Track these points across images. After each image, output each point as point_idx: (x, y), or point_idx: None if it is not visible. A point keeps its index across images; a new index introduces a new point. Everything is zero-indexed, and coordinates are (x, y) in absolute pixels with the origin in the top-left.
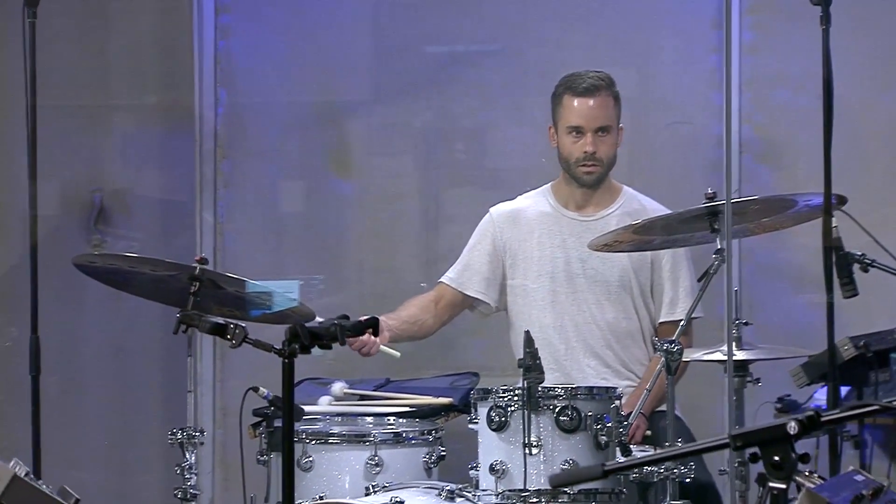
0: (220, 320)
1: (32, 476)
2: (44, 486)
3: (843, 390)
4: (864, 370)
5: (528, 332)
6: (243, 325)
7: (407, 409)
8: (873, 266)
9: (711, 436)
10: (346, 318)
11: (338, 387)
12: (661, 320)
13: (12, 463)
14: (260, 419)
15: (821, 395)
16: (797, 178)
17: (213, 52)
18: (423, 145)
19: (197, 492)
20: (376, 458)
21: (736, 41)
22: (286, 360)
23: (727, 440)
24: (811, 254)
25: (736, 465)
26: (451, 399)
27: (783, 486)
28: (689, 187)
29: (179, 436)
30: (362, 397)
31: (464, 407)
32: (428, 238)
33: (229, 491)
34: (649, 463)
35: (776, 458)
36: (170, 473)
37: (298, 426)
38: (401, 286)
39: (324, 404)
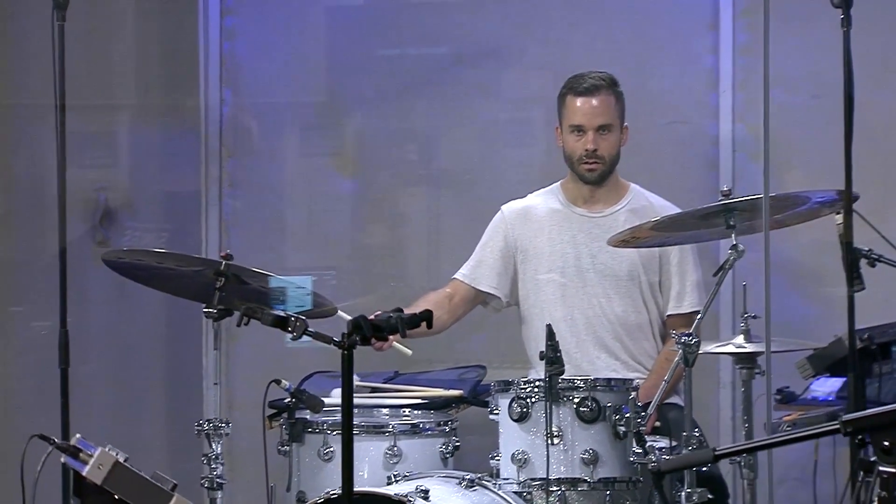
0: (282, 313)
1: (130, 462)
2: (141, 472)
3: (840, 382)
4: (868, 362)
5: (549, 326)
6: (303, 317)
7: (419, 400)
8: (880, 261)
9: (711, 426)
10: (401, 310)
11: None
12: (668, 313)
13: (107, 448)
14: (275, 411)
15: (817, 387)
16: (790, 176)
17: (219, 53)
18: (424, 144)
19: (223, 481)
20: (395, 449)
21: (729, 43)
22: (345, 352)
23: (838, 426)
24: (807, 249)
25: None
26: (461, 391)
27: (894, 471)
28: (687, 185)
29: (206, 426)
30: (373, 389)
31: (473, 399)
32: (430, 237)
33: (235, 482)
34: (762, 447)
35: (886, 442)
36: (174, 467)
37: (318, 417)
38: (406, 284)
39: (336, 396)
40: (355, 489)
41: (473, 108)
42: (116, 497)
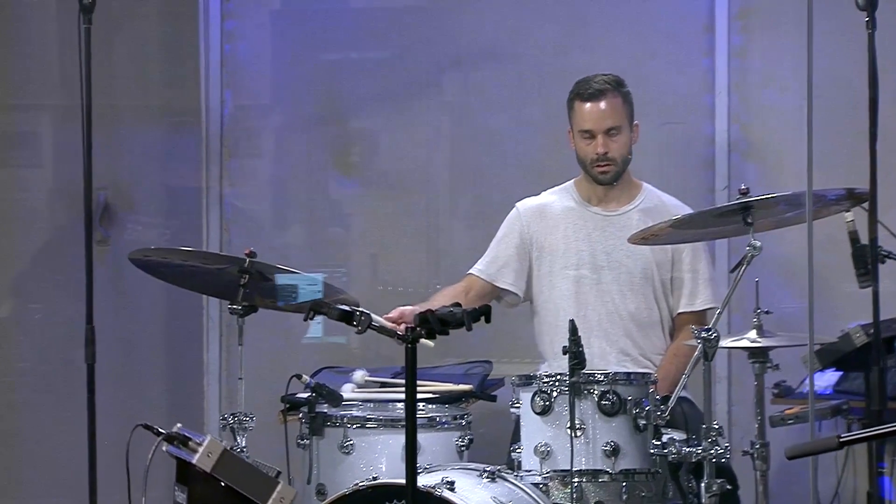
0: (347, 308)
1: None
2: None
3: (836, 376)
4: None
5: (572, 321)
6: (367, 311)
7: (430, 395)
8: (889, 258)
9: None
10: (458, 305)
11: (359, 374)
12: (679, 311)
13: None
14: (287, 405)
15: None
16: (782, 175)
17: (220, 55)
18: (423, 145)
19: None
20: None
21: (724, 45)
22: (409, 346)
23: None
24: (801, 247)
25: (758, 446)
26: (471, 385)
27: None
28: (683, 185)
29: (231, 420)
30: (382, 384)
31: (481, 393)
32: (430, 237)
33: None
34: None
35: None
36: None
37: (338, 412)
38: (406, 281)
39: (347, 391)
40: (381, 481)
41: (473, 110)
42: (223, 484)
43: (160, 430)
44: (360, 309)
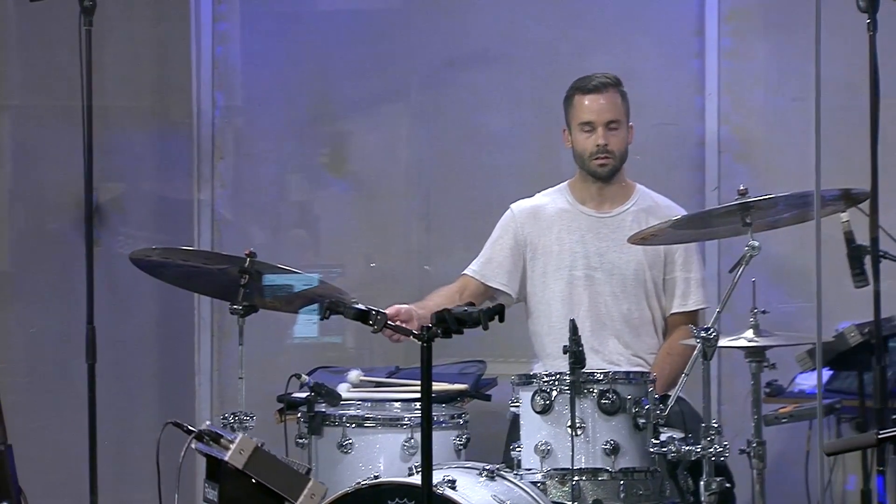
0: (363, 307)
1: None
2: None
3: (827, 375)
4: (868, 356)
5: (573, 321)
6: (383, 311)
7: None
8: (885, 258)
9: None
10: (472, 304)
11: (354, 374)
12: (672, 311)
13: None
14: (283, 405)
15: (802, 381)
16: (772, 176)
17: (211, 58)
18: (417, 147)
19: None
20: (412, 441)
21: (714, 47)
22: (425, 345)
23: None
24: (803, 246)
25: (755, 444)
26: (466, 385)
27: None
28: (674, 185)
29: (231, 420)
30: (377, 384)
31: (475, 392)
32: (420, 235)
33: None
34: None
35: None
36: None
37: (336, 411)
38: (400, 281)
39: (343, 391)
40: (383, 479)
41: (465, 112)
42: (254, 481)
43: (191, 427)
44: (376, 308)
